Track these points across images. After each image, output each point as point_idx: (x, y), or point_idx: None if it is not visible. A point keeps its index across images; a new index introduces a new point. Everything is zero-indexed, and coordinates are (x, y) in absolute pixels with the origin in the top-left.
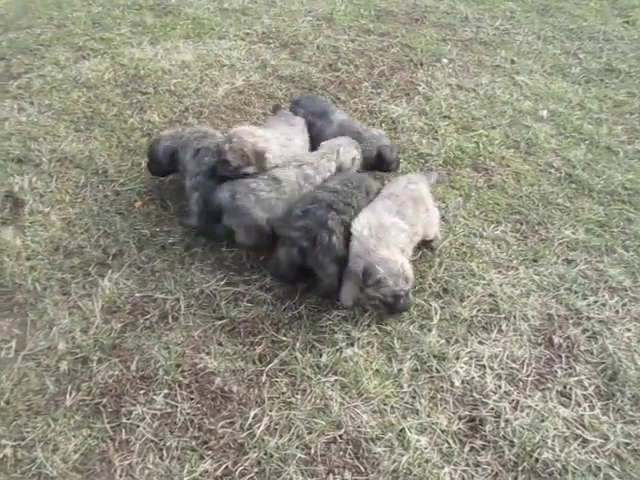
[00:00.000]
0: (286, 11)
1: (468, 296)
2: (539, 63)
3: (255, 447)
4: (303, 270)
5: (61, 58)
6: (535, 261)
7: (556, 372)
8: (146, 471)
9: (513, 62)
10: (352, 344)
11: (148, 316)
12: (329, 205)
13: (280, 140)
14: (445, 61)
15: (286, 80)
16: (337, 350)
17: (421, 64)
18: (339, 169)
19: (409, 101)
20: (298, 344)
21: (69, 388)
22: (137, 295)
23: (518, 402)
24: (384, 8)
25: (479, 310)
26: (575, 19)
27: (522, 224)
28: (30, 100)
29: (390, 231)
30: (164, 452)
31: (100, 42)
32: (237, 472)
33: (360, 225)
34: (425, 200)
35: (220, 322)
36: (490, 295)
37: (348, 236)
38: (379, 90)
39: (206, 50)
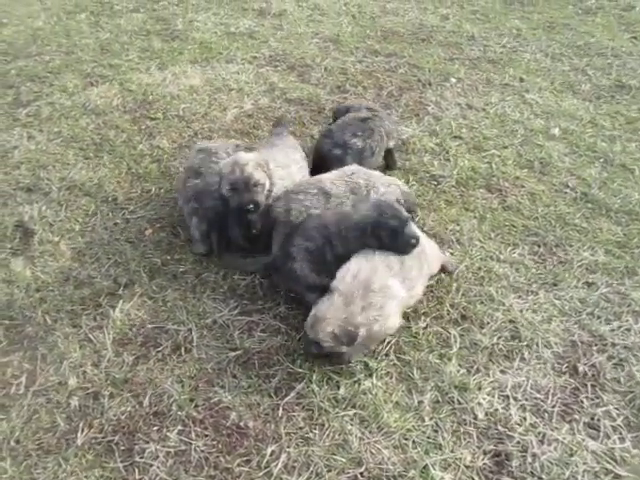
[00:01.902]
0: (293, 34)
1: (488, 322)
2: (548, 80)
3: None
4: None
5: (70, 85)
6: (555, 285)
7: (582, 402)
8: None
9: (522, 80)
10: (370, 375)
11: (160, 348)
12: None
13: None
14: (453, 80)
15: (295, 103)
16: (355, 382)
17: (429, 84)
18: None
19: (419, 121)
20: (314, 376)
21: (80, 425)
22: (149, 326)
23: (545, 435)
24: (390, 28)
25: (500, 337)
26: (582, 35)
27: (539, 246)
28: (39, 128)
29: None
30: None
31: (108, 68)
32: None
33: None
34: (426, 252)
35: (234, 353)
36: (510, 321)
37: None
38: (388, 111)
39: (214, 74)
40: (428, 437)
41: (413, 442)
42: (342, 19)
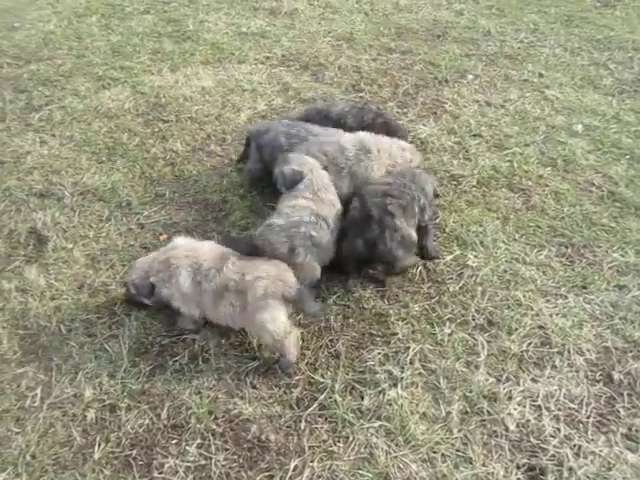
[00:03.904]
0: (305, 33)
1: (516, 328)
2: (568, 76)
3: None
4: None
5: (81, 88)
6: (584, 288)
7: (619, 412)
8: None
9: (541, 75)
10: (395, 385)
11: (177, 358)
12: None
13: None
14: (471, 77)
15: (309, 103)
16: (379, 392)
17: (446, 81)
18: None
19: (437, 120)
20: (337, 386)
21: (97, 439)
22: (165, 335)
23: (580, 447)
24: (404, 25)
25: (529, 344)
26: (601, 29)
27: (567, 247)
28: (52, 132)
29: None
30: None
31: (120, 71)
32: None
33: None
34: None
35: (253, 363)
36: (540, 327)
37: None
38: (405, 110)
39: (226, 75)
40: (457, 450)
41: (442, 455)
42: (355, 17)
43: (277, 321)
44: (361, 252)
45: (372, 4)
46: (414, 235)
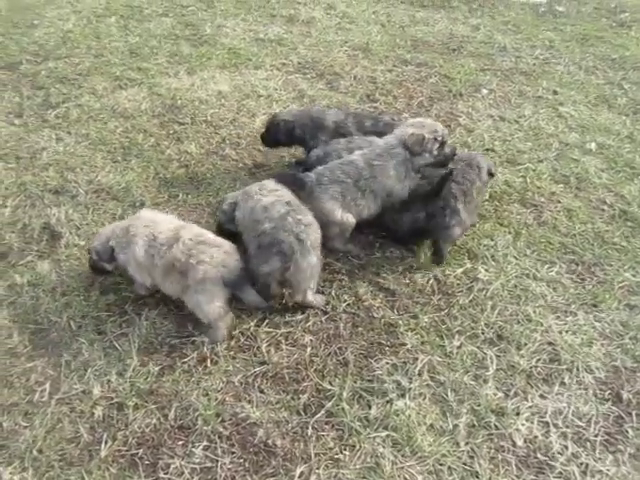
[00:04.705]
0: (322, 41)
1: (525, 344)
2: (582, 94)
3: None
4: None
5: (99, 88)
6: (595, 306)
7: (627, 432)
8: None
9: (556, 93)
10: (403, 395)
11: (186, 359)
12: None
13: None
14: (485, 92)
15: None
16: (387, 402)
17: (460, 95)
18: None
19: (450, 133)
20: (345, 394)
21: (104, 437)
22: (175, 335)
23: (588, 466)
24: (420, 38)
25: (538, 360)
26: (616, 49)
27: (577, 265)
28: (68, 130)
29: None
30: None
31: (137, 72)
32: None
33: None
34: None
35: (261, 367)
36: (549, 343)
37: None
38: None
39: (242, 80)
40: (464, 463)
41: (448, 468)
42: (371, 27)
43: (212, 304)
44: (421, 225)
45: (389, 16)
46: (469, 218)
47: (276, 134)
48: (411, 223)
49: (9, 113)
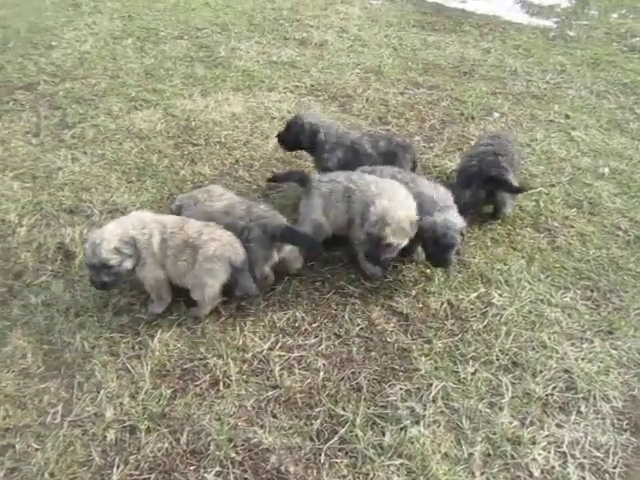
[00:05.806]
0: (334, 64)
1: (541, 371)
2: (594, 118)
3: None
4: None
5: (114, 108)
6: (611, 333)
7: None
8: None
9: (567, 117)
10: (417, 422)
11: (199, 382)
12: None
13: None
14: (497, 115)
15: None
16: (401, 429)
17: (472, 118)
18: None
19: (462, 156)
20: (358, 420)
21: (116, 461)
22: (187, 358)
23: None
24: (432, 61)
25: (554, 388)
26: (628, 73)
27: (592, 291)
28: (83, 150)
29: None
30: None
31: (152, 93)
32: None
33: None
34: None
35: (274, 392)
36: (565, 371)
37: None
38: (431, 144)
39: (256, 102)
40: None
41: None
42: (383, 51)
43: (214, 285)
44: (482, 198)
45: (400, 39)
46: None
47: (298, 135)
48: (474, 197)
49: (27, 133)
